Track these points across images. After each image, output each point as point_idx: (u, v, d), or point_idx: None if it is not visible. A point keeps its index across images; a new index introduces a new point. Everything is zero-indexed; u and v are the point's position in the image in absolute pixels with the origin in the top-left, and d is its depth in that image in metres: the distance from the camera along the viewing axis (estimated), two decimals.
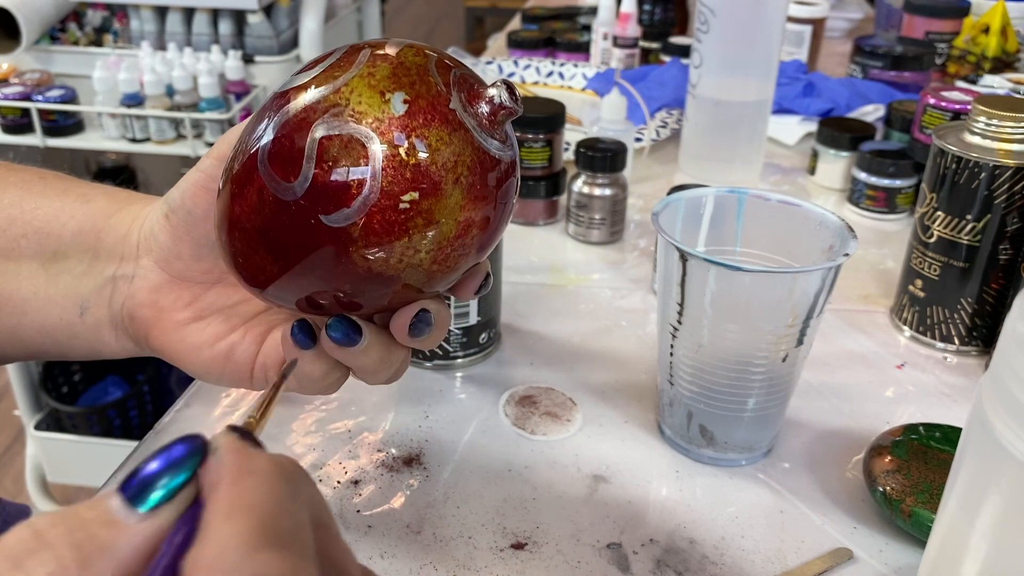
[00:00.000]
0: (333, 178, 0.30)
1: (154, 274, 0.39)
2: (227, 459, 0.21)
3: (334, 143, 0.30)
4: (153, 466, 0.20)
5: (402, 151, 0.30)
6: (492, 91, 0.33)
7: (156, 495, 0.20)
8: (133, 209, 0.40)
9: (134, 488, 0.20)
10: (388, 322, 0.36)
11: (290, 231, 0.31)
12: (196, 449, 0.21)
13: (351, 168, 0.30)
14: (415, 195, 0.30)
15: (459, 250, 0.33)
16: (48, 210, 0.40)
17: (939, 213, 0.59)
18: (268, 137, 0.31)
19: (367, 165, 0.30)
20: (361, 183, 0.30)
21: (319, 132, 0.30)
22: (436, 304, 0.35)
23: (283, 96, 0.32)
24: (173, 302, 0.39)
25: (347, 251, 0.31)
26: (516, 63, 1.19)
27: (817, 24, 1.22)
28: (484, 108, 0.33)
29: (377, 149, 0.30)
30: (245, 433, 0.22)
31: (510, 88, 0.33)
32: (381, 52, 0.32)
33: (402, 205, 0.30)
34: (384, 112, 0.30)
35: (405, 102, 0.31)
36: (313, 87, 0.31)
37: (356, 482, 0.48)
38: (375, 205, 0.30)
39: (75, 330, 0.40)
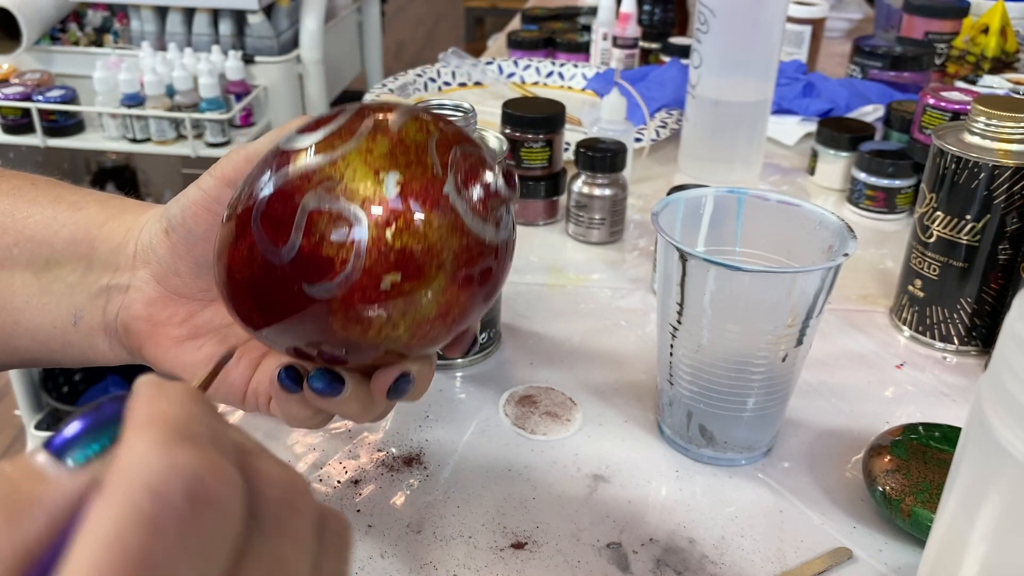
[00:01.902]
0: (319, 251, 0.30)
1: (150, 287, 0.39)
2: (142, 389, 0.21)
3: (323, 217, 0.30)
4: (79, 426, 0.20)
5: (388, 234, 0.30)
6: (489, 176, 0.33)
7: (84, 451, 0.20)
8: (127, 218, 0.40)
9: (61, 444, 0.20)
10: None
11: (275, 291, 0.32)
12: (116, 413, 0.20)
13: (337, 244, 0.30)
14: (397, 277, 0.31)
15: (439, 328, 0.33)
16: (40, 218, 0.40)
17: (938, 213, 0.59)
18: (264, 194, 0.32)
19: (352, 243, 0.30)
20: (345, 260, 0.30)
21: (310, 204, 0.31)
22: (420, 364, 0.36)
23: (284, 156, 0.32)
24: (169, 317, 0.39)
25: (327, 319, 0.31)
26: (516, 63, 1.19)
27: (817, 24, 1.22)
28: (479, 193, 0.33)
29: (364, 229, 0.30)
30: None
31: (508, 174, 0.33)
32: (384, 124, 0.32)
33: (383, 285, 0.31)
34: (376, 192, 0.31)
35: (398, 183, 0.31)
36: (312, 153, 0.32)
37: (356, 482, 0.48)
38: (357, 282, 0.31)
39: (69, 338, 0.40)
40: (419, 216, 0.31)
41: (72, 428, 0.20)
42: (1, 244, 0.40)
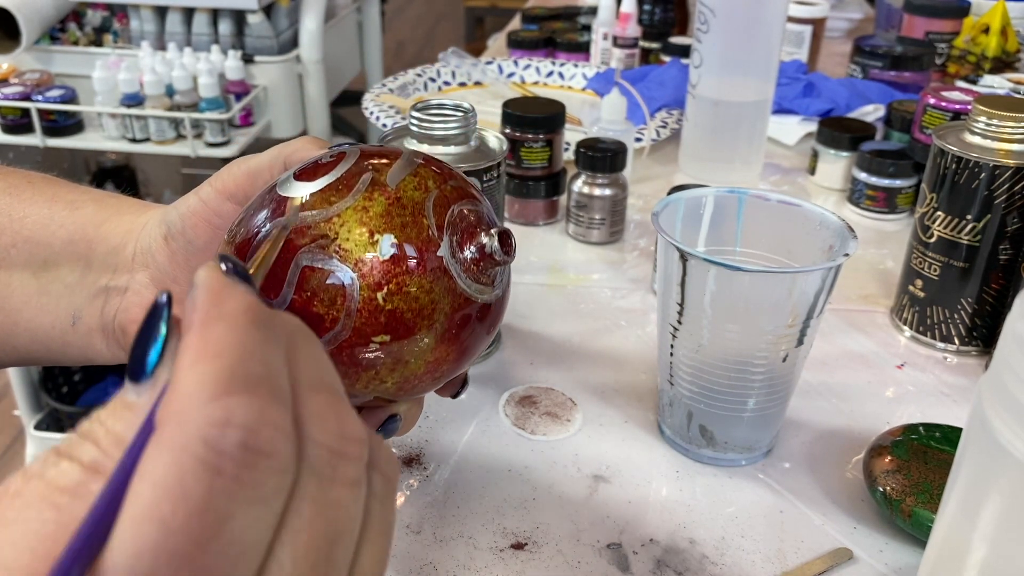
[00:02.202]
0: (309, 308, 0.31)
1: (148, 291, 0.39)
2: (199, 301, 0.21)
3: (316, 275, 0.31)
4: (136, 342, 0.21)
5: (380, 296, 0.30)
6: (485, 240, 0.33)
7: (149, 363, 0.21)
8: (125, 219, 0.40)
9: (132, 369, 0.21)
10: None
11: None
12: (160, 306, 0.21)
13: (328, 303, 0.30)
14: (386, 337, 0.31)
15: (427, 381, 0.33)
16: (37, 218, 0.40)
17: (939, 213, 0.59)
18: (259, 239, 0.32)
19: (343, 304, 0.30)
20: (335, 319, 0.30)
21: (303, 260, 0.31)
22: (409, 404, 0.36)
23: (281, 201, 0.32)
24: None
25: None
26: (516, 63, 1.19)
27: (817, 24, 1.22)
28: (474, 254, 0.33)
29: (355, 291, 0.30)
30: (233, 263, 0.22)
31: (505, 237, 0.33)
32: (381, 180, 0.32)
33: (372, 345, 0.31)
34: (369, 254, 0.31)
35: (392, 245, 0.31)
36: (309, 206, 0.31)
37: None
38: (346, 341, 0.31)
39: (67, 338, 0.40)
40: (412, 279, 0.31)
41: (131, 352, 0.21)
42: None
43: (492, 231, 0.33)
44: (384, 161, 0.33)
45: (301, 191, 0.32)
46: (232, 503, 0.19)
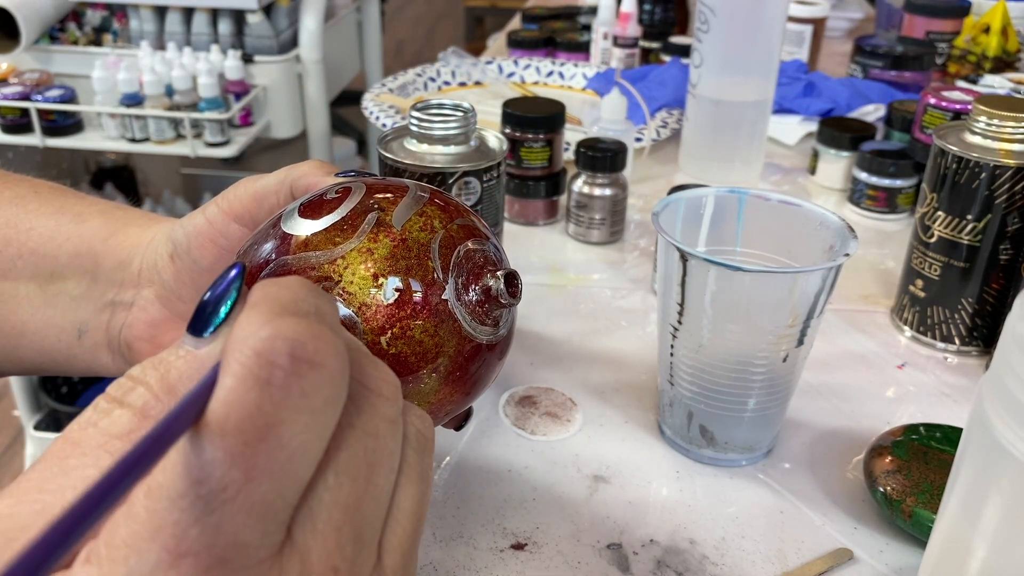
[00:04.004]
0: None
1: (154, 308, 0.39)
2: (260, 282, 0.23)
3: None
4: (207, 298, 0.23)
5: (383, 340, 0.30)
6: (491, 282, 0.32)
7: (214, 320, 0.23)
8: (131, 232, 0.40)
9: (197, 321, 0.23)
10: None
11: None
12: (238, 274, 0.24)
13: None
14: None
15: (432, 419, 0.33)
16: (43, 231, 0.40)
17: (940, 213, 0.59)
18: (264, 275, 0.31)
19: None
20: None
21: None
22: None
23: (285, 239, 0.32)
24: (172, 340, 0.39)
25: None
26: (516, 63, 1.19)
27: (817, 24, 1.22)
28: (479, 296, 0.32)
29: (359, 333, 0.30)
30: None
31: (511, 280, 0.33)
32: (387, 220, 0.31)
33: None
34: (373, 298, 0.30)
35: (396, 290, 0.30)
36: (313, 246, 0.31)
37: None
38: None
39: (73, 351, 0.40)
40: (416, 323, 0.30)
41: (200, 305, 0.23)
42: (5, 256, 0.40)
43: (498, 273, 0.33)
44: (390, 196, 0.32)
45: (305, 229, 0.32)
46: (281, 410, 0.20)
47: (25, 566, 0.15)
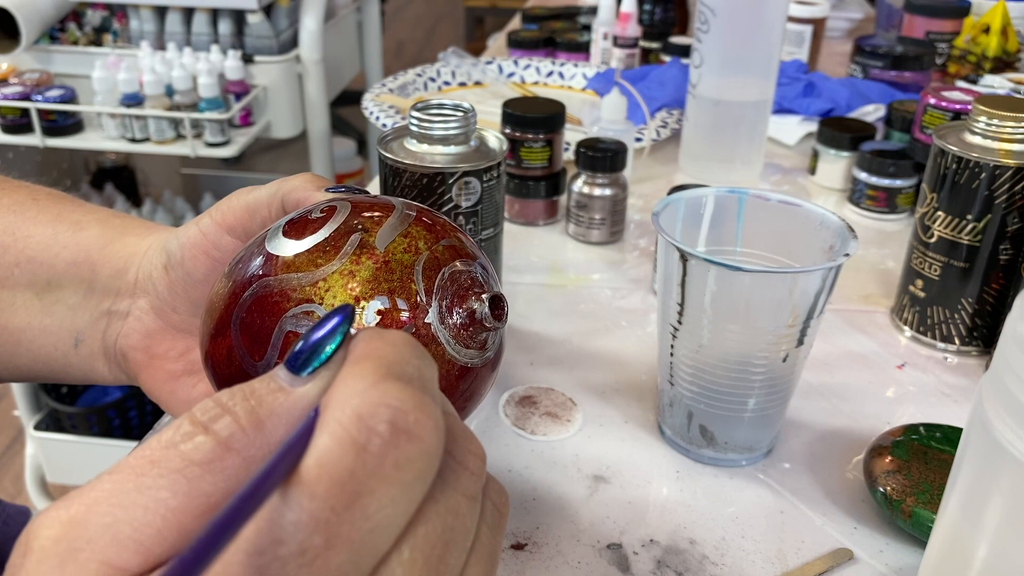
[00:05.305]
0: None
1: (149, 318, 0.39)
2: (364, 332, 0.23)
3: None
4: (311, 338, 0.23)
5: None
6: (476, 305, 0.32)
7: (315, 361, 0.22)
8: (128, 241, 0.40)
9: (297, 359, 0.22)
10: None
11: None
12: (345, 317, 0.23)
13: None
14: None
15: None
16: (40, 239, 0.40)
17: (939, 213, 0.59)
18: (245, 296, 0.31)
19: None
20: None
21: (288, 325, 0.30)
22: None
23: (269, 259, 0.31)
24: (166, 351, 0.39)
25: None
26: (516, 63, 1.19)
27: (817, 24, 1.22)
28: (463, 319, 0.32)
29: None
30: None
31: (496, 303, 0.32)
32: (370, 242, 0.31)
33: None
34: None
35: (378, 313, 0.30)
36: (295, 267, 0.31)
37: None
38: None
39: (70, 359, 0.40)
40: None
41: (304, 343, 0.23)
42: (2, 263, 0.40)
43: (483, 296, 0.32)
44: (377, 215, 0.32)
45: (289, 250, 0.31)
46: (373, 479, 0.20)
47: None
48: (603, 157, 0.73)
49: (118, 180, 1.91)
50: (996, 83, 0.92)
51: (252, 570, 0.19)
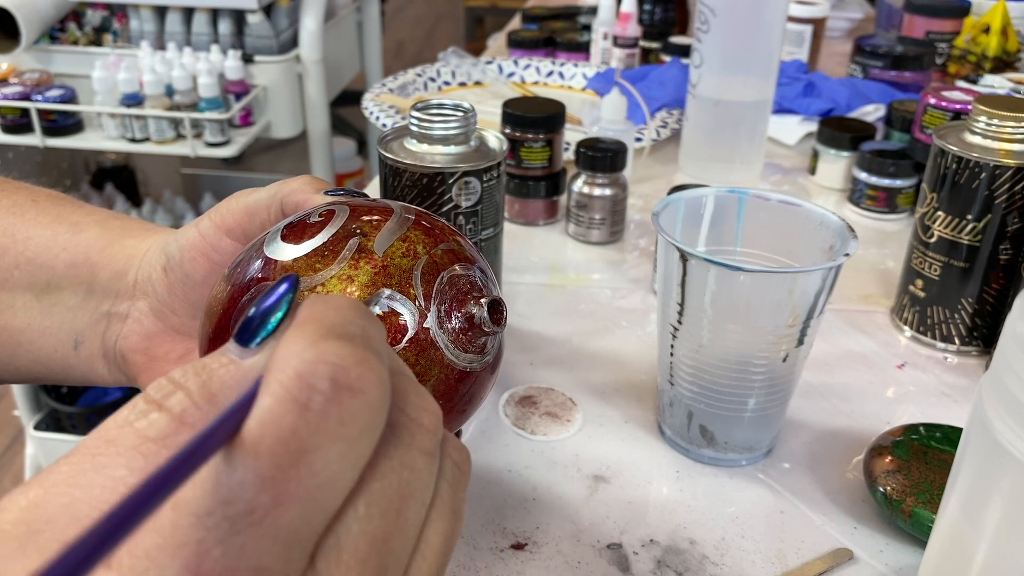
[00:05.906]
0: None
1: (148, 320, 0.39)
2: (309, 298, 0.23)
3: None
4: (258, 309, 0.23)
5: None
6: (475, 310, 0.32)
7: (262, 332, 0.23)
8: (128, 243, 0.40)
9: (245, 331, 0.23)
10: None
11: None
12: (291, 286, 0.23)
13: None
14: None
15: None
16: (40, 240, 0.40)
17: (940, 213, 0.59)
18: (245, 299, 0.31)
19: None
20: None
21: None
22: None
23: (268, 263, 0.31)
24: (166, 353, 0.39)
25: None
26: (516, 63, 1.19)
27: (817, 24, 1.22)
28: (462, 323, 0.32)
29: None
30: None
31: (496, 308, 0.32)
32: (368, 246, 0.31)
33: None
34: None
35: (377, 318, 0.30)
36: (293, 272, 0.30)
37: None
38: None
39: (69, 361, 0.40)
40: (396, 352, 0.30)
41: (249, 315, 0.23)
42: (2, 265, 0.40)
43: (482, 300, 0.32)
44: (376, 219, 0.32)
45: (287, 254, 0.31)
46: (317, 436, 0.20)
47: (60, 570, 0.15)
48: (603, 157, 0.73)
49: (118, 180, 1.91)
50: (996, 83, 0.92)
51: (202, 531, 0.19)
